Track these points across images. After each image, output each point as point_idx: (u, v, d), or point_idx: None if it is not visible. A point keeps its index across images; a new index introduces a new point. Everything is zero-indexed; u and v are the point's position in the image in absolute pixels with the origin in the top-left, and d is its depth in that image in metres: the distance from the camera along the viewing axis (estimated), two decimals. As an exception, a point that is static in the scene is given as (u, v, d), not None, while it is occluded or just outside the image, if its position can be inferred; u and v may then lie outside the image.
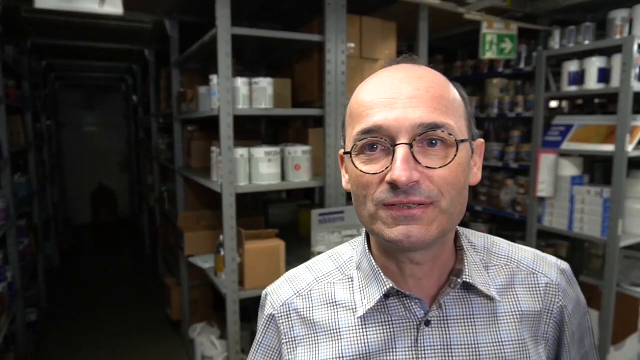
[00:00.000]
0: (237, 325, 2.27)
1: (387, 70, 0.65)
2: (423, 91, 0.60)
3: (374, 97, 0.61)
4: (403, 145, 0.58)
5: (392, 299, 0.67)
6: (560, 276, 0.73)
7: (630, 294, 3.00)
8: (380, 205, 0.60)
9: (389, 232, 0.59)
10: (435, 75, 0.64)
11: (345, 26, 2.35)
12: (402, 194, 0.58)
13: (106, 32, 3.62)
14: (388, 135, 0.59)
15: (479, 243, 0.74)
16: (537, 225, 3.07)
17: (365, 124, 0.60)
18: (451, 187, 0.59)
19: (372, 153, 0.61)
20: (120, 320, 4.01)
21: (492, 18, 2.95)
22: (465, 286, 0.68)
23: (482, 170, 2.38)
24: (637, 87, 2.57)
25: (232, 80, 2.15)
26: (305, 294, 0.74)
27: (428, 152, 0.59)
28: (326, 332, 0.70)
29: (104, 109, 7.87)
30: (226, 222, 2.18)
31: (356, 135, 0.61)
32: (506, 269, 0.72)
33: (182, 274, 3.36)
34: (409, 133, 0.58)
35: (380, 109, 0.60)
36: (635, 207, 2.75)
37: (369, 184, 0.60)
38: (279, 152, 2.28)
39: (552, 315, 0.70)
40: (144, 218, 5.93)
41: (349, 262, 0.75)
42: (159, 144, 4.28)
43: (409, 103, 0.59)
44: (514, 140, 3.50)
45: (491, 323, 0.68)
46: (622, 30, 2.69)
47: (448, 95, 0.62)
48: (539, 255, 0.75)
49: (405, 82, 0.61)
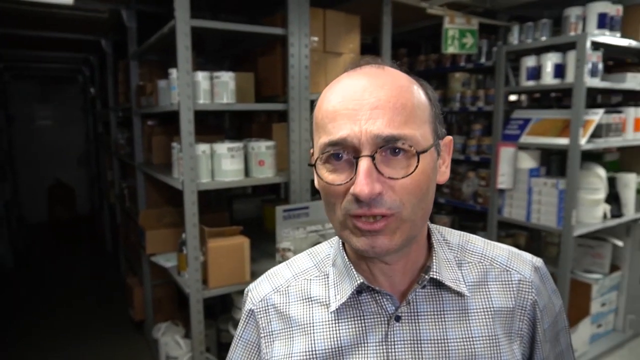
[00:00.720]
0: (202, 325, 2.23)
1: (350, 77, 0.64)
2: (384, 101, 0.60)
3: (338, 107, 0.61)
4: (365, 157, 0.59)
5: (365, 295, 0.69)
6: (533, 273, 0.74)
7: (583, 280, 3.15)
8: (347, 214, 0.61)
9: (356, 240, 0.62)
10: (399, 79, 0.64)
11: (308, 19, 2.32)
12: (365, 206, 0.59)
13: (59, 21, 3.44)
14: (351, 147, 0.60)
15: (454, 240, 0.76)
16: (498, 216, 3.17)
17: (330, 136, 0.61)
18: (412, 196, 0.60)
19: (338, 162, 0.62)
20: (80, 322, 3.87)
21: (454, 13, 2.99)
22: (436, 282, 0.69)
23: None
24: (589, 82, 2.67)
25: (193, 74, 2.09)
26: (282, 290, 0.76)
27: (391, 162, 0.60)
28: (301, 327, 0.72)
29: (59, 101, 7.51)
30: (188, 220, 2.12)
31: (321, 146, 0.62)
32: (479, 266, 0.73)
33: (144, 273, 3.27)
34: (370, 145, 0.59)
35: (344, 121, 0.60)
36: (587, 197, 2.87)
37: (336, 193, 0.62)
38: (242, 147, 2.24)
39: (526, 312, 0.71)
40: (105, 215, 5.73)
41: (325, 259, 0.77)
42: (118, 139, 4.12)
43: (371, 114, 0.59)
44: (475, 134, 3.59)
45: (461, 319, 0.69)
46: (577, 27, 2.78)
47: (411, 102, 0.62)
48: (513, 252, 0.76)
49: (367, 92, 0.61)
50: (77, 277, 4.99)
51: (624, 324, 3.41)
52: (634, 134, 3.04)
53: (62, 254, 5.91)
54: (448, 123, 4.14)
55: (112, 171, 4.56)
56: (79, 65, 6.22)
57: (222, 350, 2.84)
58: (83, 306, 4.22)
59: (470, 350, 0.67)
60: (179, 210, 2.91)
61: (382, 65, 0.66)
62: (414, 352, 0.67)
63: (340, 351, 0.69)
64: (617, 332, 3.41)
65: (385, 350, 0.67)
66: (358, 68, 0.66)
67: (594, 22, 2.73)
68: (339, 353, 0.69)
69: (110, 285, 4.64)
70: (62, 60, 5.83)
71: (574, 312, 3.06)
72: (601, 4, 2.71)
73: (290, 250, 2.24)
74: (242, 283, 2.24)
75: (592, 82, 2.69)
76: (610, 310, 3.32)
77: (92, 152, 6.72)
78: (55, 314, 4.05)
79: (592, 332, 3.18)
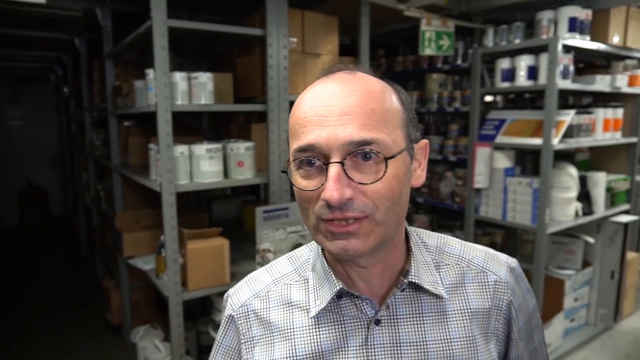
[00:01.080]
0: (181, 328, 2.21)
1: (321, 84, 0.65)
2: (354, 107, 0.60)
3: (308, 114, 0.62)
4: (335, 164, 0.59)
5: (345, 299, 0.70)
6: (509, 274, 0.75)
7: (557, 276, 3.23)
8: (320, 219, 0.62)
9: (329, 244, 0.62)
10: (370, 85, 0.64)
11: (287, 20, 2.32)
12: (336, 210, 0.59)
13: (31, 19, 3.34)
14: (321, 153, 0.61)
15: (432, 243, 0.77)
16: (475, 215, 3.23)
17: (300, 142, 0.62)
18: (385, 199, 0.61)
19: (310, 168, 0.62)
20: (56, 327, 3.78)
21: (431, 15, 3.04)
22: (415, 286, 0.70)
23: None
24: (561, 84, 2.75)
25: (170, 74, 2.06)
26: (263, 295, 0.76)
27: (361, 167, 0.61)
28: (281, 332, 0.72)
29: (31, 101, 7.30)
30: (167, 223, 2.10)
31: (294, 152, 0.63)
32: (457, 267, 0.74)
33: (121, 276, 3.21)
34: (340, 151, 0.59)
35: (313, 127, 0.61)
36: (560, 196, 2.95)
37: (309, 199, 0.62)
38: (221, 148, 2.22)
39: (501, 312, 0.73)
40: (79, 218, 5.60)
41: (305, 264, 0.77)
42: (94, 140, 4.04)
43: (340, 120, 0.60)
44: (452, 134, 3.65)
45: (440, 321, 0.70)
46: (548, 30, 2.86)
47: (381, 107, 0.62)
48: (489, 254, 0.77)
49: (337, 98, 0.61)
50: (51, 281, 4.86)
51: (595, 318, 3.52)
52: (603, 134, 3.15)
53: (36, 258, 5.75)
54: (426, 123, 4.19)
55: (87, 173, 4.46)
56: (51, 65, 6.05)
57: (202, 353, 2.82)
58: (58, 311, 4.11)
59: (449, 352, 0.69)
60: (156, 212, 2.87)
61: (354, 71, 0.66)
62: (393, 355, 0.68)
63: (320, 356, 0.69)
64: (590, 326, 3.52)
65: (366, 354, 0.68)
66: (330, 74, 0.66)
67: (565, 26, 2.81)
68: (320, 358, 0.69)
69: (86, 289, 4.54)
70: (34, 59, 5.67)
71: (548, 307, 3.15)
72: (571, 8, 2.80)
73: (271, 252, 2.24)
74: (222, 285, 2.23)
75: (564, 84, 2.77)
76: (582, 305, 3.43)
77: (66, 153, 6.56)
78: (29, 319, 3.93)
79: (566, 327, 3.28)
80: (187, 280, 2.17)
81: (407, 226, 0.74)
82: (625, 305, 3.64)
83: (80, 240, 5.65)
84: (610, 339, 3.40)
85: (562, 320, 3.20)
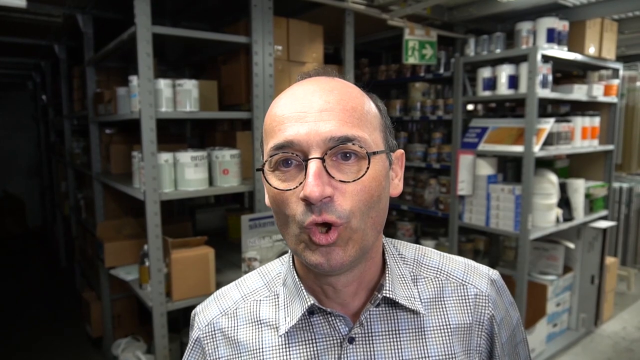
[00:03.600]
0: (165, 339, 2.16)
1: (299, 84, 0.64)
2: (334, 104, 0.59)
3: (286, 112, 0.60)
4: (315, 159, 0.57)
5: (316, 317, 0.66)
6: (490, 286, 0.72)
7: (539, 282, 3.28)
8: (302, 227, 0.58)
9: (310, 255, 0.59)
10: (348, 87, 0.63)
11: (272, 28, 2.32)
12: (316, 211, 0.56)
13: (8, 24, 3.28)
14: (300, 150, 0.58)
15: (409, 255, 0.74)
16: (458, 222, 3.26)
17: (277, 139, 0.59)
18: (362, 203, 0.58)
19: (287, 169, 0.59)
20: (34, 340, 3.65)
21: (414, 25, 3.08)
22: (390, 301, 0.67)
23: (407, 170, 2.45)
24: (541, 93, 2.81)
25: (154, 81, 2.04)
26: (230, 313, 0.72)
27: (342, 167, 0.58)
28: (250, 352, 0.68)
29: (7, 109, 7.13)
30: (150, 231, 2.06)
31: (270, 151, 0.60)
32: (435, 281, 0.71)
33: (102, 287, 3.13)
34: (320, 147, 0.57)
35: (292, 123, 0.58)
36: (541, 202, 3.01)
37: (287, 201, 0.59)
38: (205, 156, 2.20)
39: (483, 327, 0.70)
40: (58, 228, 5.46)
41: (276, 278, 0.74)
42: (74, 148, 3.95)
43: (320, 116, 0.58)
44: (435, 142, 3.69)
45: (417, 338, 0.67)
46: (528, 40, 2.93)
47: (361, 107, 0.61)
48: (469, 266, 0.74)
49: (317, 95, 0.60)
50: (28, 294, 4.71)
51: (577, 322, 3.58)
52: (581, 142, 3.23)
53: (12, 270, 5.57)
54: (409, 132, 4.23)
55: (67, 182, 4.37)
56: (28, 72, 5.93)
57: (185, 365, 2.76)
58: (36, 324, 3.98)
59: None
60: (139, 221, 2.83)
61: (330, 76, 0.65)
62: None
63: None
64: (571, 330, 3.57)
65: None
66: (308, 77, 0.65)
67: (544, 37, 2.89)
68: None
69: (65, 301, 4.41)
70: (10, 65, 5.54)
71: (531, 312, 3.19)
72: (549, 20, 2.87)
73: (257, 260, 2.22)
74: (207, 295, 2.19)
75: (544, 93, 2.84)
76: (564, 309, 3.48)
77: (44, 162, 6.41)
78: (6, 332, 3.80)
79: (549, 332, 3.32)
80: (172, 290, 2.13)
81: (384, 238, 0.71)
82: (605, 310, 3.72)
83: (59, 251, 5.51)
84: (591, 343, 3.46)
85: (545, 326, 3.24)
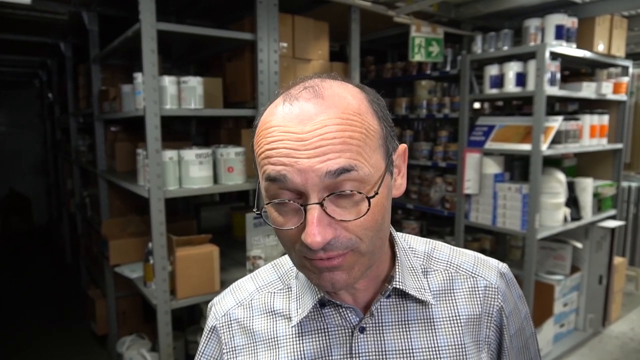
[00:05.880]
0: (170, 337, 2.16)
1: (290, 105, 0.57)
2: (329, 138, 0.54)
3: (276, 139, 0.56)
4: (313, 205, 0.54)
5: (328, 309, 0.68)
6: (499, 279, 0.73)
7: (546, 282, 3.25)
8: (303, 257, 0.59)
9: (315, 278, 0.60)
10: (346, 106, 0.56)
11: (277, 25, 2.31)
12: (320, 251, 0.56)
13: (14, 22, 3.28)
14: (295, 190, 0.55)
15: (420, 248, 0.75)
16: (465, 221, 3.23)
17: (271, 170, 0.56)
18: (369, 230, 0.57)
19: (284, 208, 0.57)
20: (39, 338, 3.67)
21: (420, 22, 3.06)
22: (400, 292, 0.68)
23: (413, 169, 2.42)
24: (549, 90, 2.78)
25: (159, 78, 2.03)
26: (246, 304, 0.75)
27: (340, 203, 0.56)
28: (265, 342, 0.71)
29: (13, 107, 7.17)
30: (155, 229, 2.05)
31: (264, 177, 0.57)
32: (445, 273, 0.72)
33: (107, 285, 3.14)
34: (317, 186, 0.54)
35: (283, 158, 0.55)
36: (549, 201, 2.97)
37: (290, 237, 0.58)
38: (210, 153, 2.19)
39: (492, 319, 0.71)
40: (64, 225, 5.48)
41: (289, 272, 0.75)
42: (79, 146, 3.96)
43: (314, 152, 0.53)
44: (441, 140, 3.66)
45: (427, 328, 0.68)
46: (536, 37, 2.89)
47: (358, 132, 0.56)
48: (479, 259, 0.75)
49: (310, 123, 0.54)
50: (34, 291, 4.74)
51: (584, 323, 3.54)
52: (589, 140, 3.19)
53: (18, 267, 5.61)
54: (415, 130, 4.21)
55: (72, 179, 4.38)
56: (35, 69, 5.95)
57: (190, 363, 2.76)
58: (41, 321, 4.00)
59: None
60: (144, 218, 2.82)
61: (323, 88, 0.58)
62: None
63: None
64: (579, 331, 3.53)
65: None
66: (298, 93, 0.58)
67: (552, 33, 2.85)
68: None
69: (70, 299, 4.43)
70: (17, 63, 5.57)
71: (538, 312, 3.15)
72: (558, 16, 2.84)
73: (261, 258, 2.21)
74: (211, 293, 2.18)
75: (552, 90, 2.80)
76: (571, 310, 3.45)
77: (50, 160, 6.44)
78: (11, 330, 3.82)
79: (556, 332, 3.29)
80: (176, 288, 2.12)
81: (393, 232, 0.72)
82: (612, 310, 3.68)
83: (65, 249, 5.53)
84: (599, 344, 3.42)
85: (552, 326, 3.21)
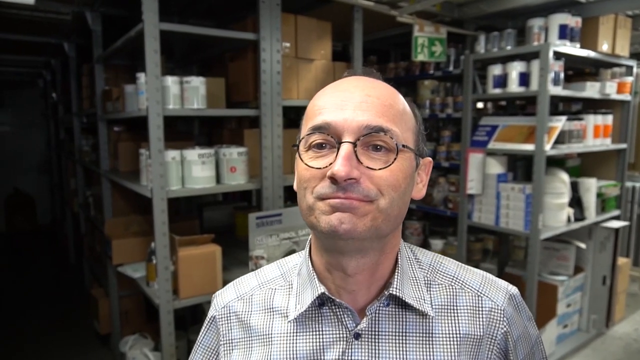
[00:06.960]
0: (172, 337, 2.16)
1: (344, 79, 0.68)
2: (373, 98, 0.63)
3: (327, 100, 0.64)
4: (347, 143, 0.60)
5: (326, 309, 0.68)
6: (507, 301, 0.70)
7: (549, 282, 3.24)
8: (319, 198, 0.61)
9: (325, 218, 0.60)
10: (389, 88, 0.68)
11: (280, 24, 2.30)
12: (340, 190, 0.59)
13: (18, 22, 3.29)
14: (335, 134, 0.61)
15: (426, 260, 0.74)
16: (468, 221, 3.22)
17: (315, 121, 0.63)
18: (391, 188, 0.61)
19: (320, 151, 0.62)
20: (42, 336, 3.68)
21: (423, 21, 3.05)
22: (400, 302, 0.67)
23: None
24: (553, 90, 2.76)
25: (162, 78, 2.03)
26: (246, 298, 0.76)
27: (372, 156, 0.61)
28: (260, 338, 0.71)
29: (17, 106, 7.19)
30: (157, 229, 2.06)
31: (307, 131, 0.64)
32: (449, 288, 0.70)
33: (110, 284, 3.15)
34: (354, 133, 0.60)
35: (331, 110, 0.62)
36: (552, 201, 2.96)
37: (311, 177, 0.62)
38: (213, 153, 2.19)
39: (495, 342, 0.68)
40: (67, 225, 5.50)
41: (292, 269, 0.76)
42: (83, 145, 3.98)
43: (359, 106, 0.62)
44: (444, 140, 3.65)
45: (424, 342, 0.66)
46: (539, 37, 2.88)
47: (398, 105, 0.65)
48: (487, 278, 0.73)
49: (359, 89, 0.64)
50: (38, 290, 4.76)
51: (588, 323, 3.53)
52: (593, 140, 3.17)
53: (22, 266, 5.64)
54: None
55: (76, 179, 4.39)
56: (39, 69, 5.98)
57: (192, 363, 2.76)
58: (45, 320, 4.01)
59: None
60: (147, 218, 2.83)
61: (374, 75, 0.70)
62: None
63: None
64: (582, 332, 3.52)
65: None
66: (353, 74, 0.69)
67: (556, 33, 2.84)
68: None
69: (73, 298, 4.44)
70: (21, 63, 5.60)
71: (541, 313, 3.14)
72: (561, 16, 2.82)
73: (264, 258, 2.21)
74: (214, 293, 2.18)
75: (555, 90, 2.79)
76: (574, 310, 3.43)
77: (54, 160, 6.46)
78: (15, 329, 3.83)
79: (559, 333, 3.28)
80: (179, 288, 2.12)
81: (402, 242, 0.72)
82: (616, 311, 3.66)
83: (68, 248, 5.55)
84: (602, 345, 3.40)
85: (555, 327, 3.19)
